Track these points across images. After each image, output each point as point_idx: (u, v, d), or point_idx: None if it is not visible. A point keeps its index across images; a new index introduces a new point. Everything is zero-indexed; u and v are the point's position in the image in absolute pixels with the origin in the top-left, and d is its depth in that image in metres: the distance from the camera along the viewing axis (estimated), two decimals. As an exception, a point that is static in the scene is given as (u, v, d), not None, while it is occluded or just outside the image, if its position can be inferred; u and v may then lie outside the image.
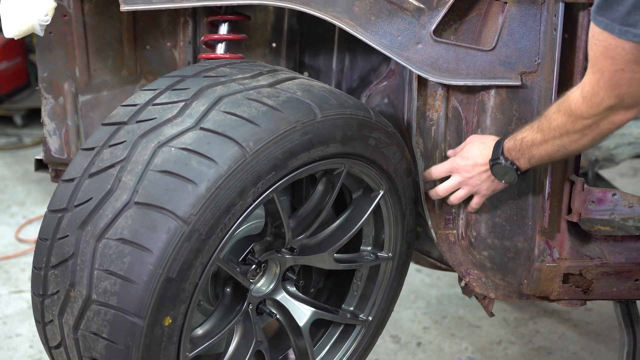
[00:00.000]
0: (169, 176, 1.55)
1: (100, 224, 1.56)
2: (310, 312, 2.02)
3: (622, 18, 1.48)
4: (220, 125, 1.61)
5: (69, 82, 2.20)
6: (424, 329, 3.29)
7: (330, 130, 1.75)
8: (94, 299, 1.55)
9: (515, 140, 1.87)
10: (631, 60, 1.52)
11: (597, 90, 1.61)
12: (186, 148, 1.58)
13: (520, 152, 1.86)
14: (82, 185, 1.64)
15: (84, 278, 1.56)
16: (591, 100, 1.63)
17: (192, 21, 2.19)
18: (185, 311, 1.59)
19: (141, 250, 1.51)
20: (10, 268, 3.83)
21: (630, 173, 5.14)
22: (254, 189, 1.62)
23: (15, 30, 1.81)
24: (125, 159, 1.61)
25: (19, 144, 5.80)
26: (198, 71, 1.81)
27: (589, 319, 3.36)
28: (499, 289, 2.15)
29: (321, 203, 1.91)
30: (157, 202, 1.53)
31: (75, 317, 1.58)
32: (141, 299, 1.51)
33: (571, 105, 1.68)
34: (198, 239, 1.54)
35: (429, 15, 1.91)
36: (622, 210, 1.99)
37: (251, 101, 1.68)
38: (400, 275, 2.18)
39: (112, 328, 1.53)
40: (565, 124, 1.72)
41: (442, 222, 2.10)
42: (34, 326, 3.10)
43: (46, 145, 2.25)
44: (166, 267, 1.51)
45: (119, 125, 1.69)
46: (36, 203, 4.64)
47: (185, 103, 1.68)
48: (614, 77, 1.57)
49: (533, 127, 1.82)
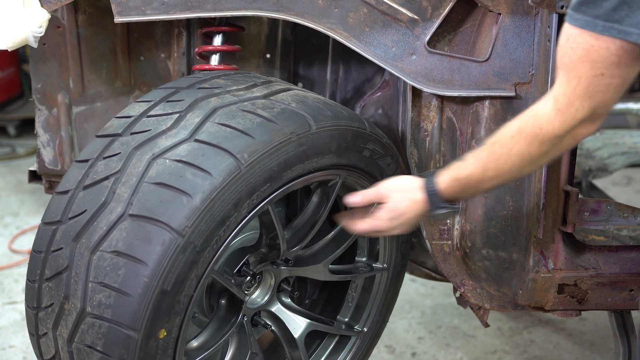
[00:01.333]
0: (163, 188, 1.55)
1: (95, 237, 1.56)
2: (305, 324, 2.01)
3: (607, 14, 1.39)
4: (214, 137, 1.61)
5: (63, 93, 2.19)
6: (418, 339, 3.28)
7: (325, 142, 1.75)
8: (89, 312, 1.54)
9: (457, 180, 1.70)
10: (614, 63, 1.43)
11: (572, 100, 1.49)
12: (181, 160, 1.58)
13: (464, 191, 1.72)
14: (76, 198, 1.64)
15: (79, 291, 1.55)
16: (565, 113, 1.51)
17: (186, 32, 2.19)
18: (180, 324, 1.59)
19: (136, 263, 1.50)
20: (3, 279, 3.81)
21: (624, 182, 5.15)
22: (249, 201, 1.62)
23: (8, 42, 1.81)
24: (119, 171, 1.61)
25: (12, 154, 5.79)
26: (192, 83, 1.81)
27: (583, 329, 3.36)
28: (493, 300, 2.15)
29: (316, 214, 1.91)
30: (151, 214, 1.53)
31: (69, 330, 1.58)
32: (136, 311, 1.50)
33: (541, 124, 1.54)
34: (193, 251, 1.54)
35: (423, 26, 1.91)
36: (616, 221, 2.00)
37: (246, 113, 1.68)
38: (395, 286, 2.18)
39: (106, 341, 1.52)
40: (530, 146, 1.58)
41: (437, 233, 2.10)
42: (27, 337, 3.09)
43: (40, 157, 2.25)
44: (161, 280, 1.51)
45: (113, 137, 1.69)
46: (30, 214, 4.62)
47: (179, 115, 1.68)
48: (592, 83, 1.46)
49: (480, 158, 1.66)
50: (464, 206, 2.06)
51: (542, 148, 1.57)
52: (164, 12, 1.86)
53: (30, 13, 1.81)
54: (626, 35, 1.39)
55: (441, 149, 2.05)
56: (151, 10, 1.85)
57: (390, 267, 2.12)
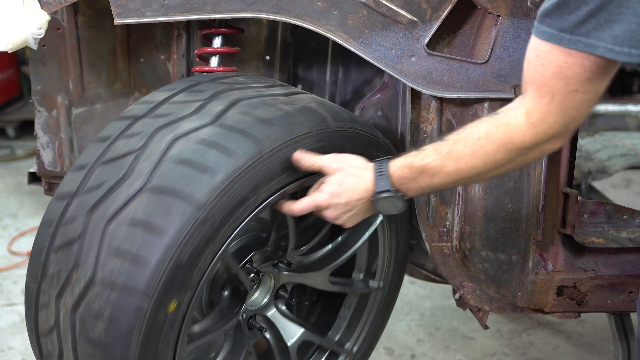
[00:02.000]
0: (185, 166, 1.56)
1: (112, 207, 1.56)
2: (299, 333, 2.02)
3: (573, 27, 1.37)
4: (238, 123, 1.63)
5: (63, 95, 2.19)
6: (417, 341, 3.29)
7: (343, 142, 1.78)
8: (99, 279, 1.53)
9: (411, 167, 1.63)
10: (587, 79, 1.41)
11: (546, 116, 1.46)
12: (204, 140, 1.59)
13: (416, 181, 1.64)
14: (93, 172, 1.64)
15: (90, 259, 1.54)
16: (538, 127, 1.48)
17: (186, 34, 2.19)
18: (190, 299, 1.58)
19: (153, 233, 1.50)
20: (2, 281, 3.81)
21: (623, 184, 5.15)
22: (268, 186, 1.64)
23: (8, 43, 1.80)
24: (140, 149, 1.62)
25: (11, 156, 5.79)
26: (213, 78, 1.84)
27: (583, 331, 3.36)
28: (493, 302, 2.15)
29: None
30: (172, 188, 1.54)
31: (75, 298, 1.56)
32: (149, 280, 1.49)
33: (512, 133, 1.51)
34: (211, 226, 1.55)
35: (422, 28, 1.91)
36: (615, 223, 2.00)
37: (268, 105, 1.70)
38: (388, 307, 2.21)
39: (114, 309, 1.51)
40: (497, 152, 1.54)
41: (436, 235, 2.10)
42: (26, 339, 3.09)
43: (39, 158, 2.25)
44: (177, 251, 1.51)
45: (134, 119, 1.71)
46: (29, 215, 4.62)
47: (202, 103, 1.70)
48: (566, 99, 1.44)
49: (440, 152, 1.60)
50: (463, 208, 2.06)
51: (509, 156, 1.54)
52: (163, 14, 1.86)
53: (30, 15, 1.80)
54: (593, 49, 1.37)
55: (440, 151, 2.05)
56: (151, 12, 1.85)
57: (385, 287, 2.15)
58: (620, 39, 1.35)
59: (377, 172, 1.66)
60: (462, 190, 2.06)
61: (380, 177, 1.66)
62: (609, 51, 1.36)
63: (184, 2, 1.85)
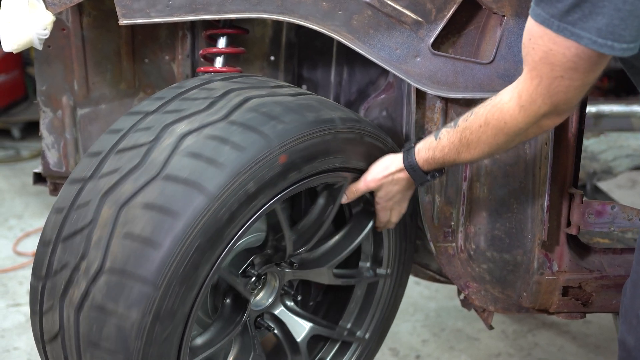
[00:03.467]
0: (197, 159, 1.58)
1: (126, 193, 1.57)
2: (307, 328, 2.01)
3: (562, 14, 1.40)
4: (248, 120, 1.65)
5: (68, 95, 2.20)
6: (422, 342, 3.28)
7: (347, 144, 1.82)
8: (108, 268, 1.53)
9: (434, 159, 1.81)
10: (571, 68, 1.45)
11: (534, 98, 1.53)
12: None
13: (443, 165, 1.83)
14: (108, 159, 1.65)
15: (101, 245, 1.55)
16: (528, 109, 1.56)
17: (191, 34, 2.19)
18: (195, 295, 1.58)
19: (168, 216, 1.51)
20: (7, 281, 3.82)
21: (629, 185, 5.14)
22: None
23: (14, 44, 1.81)
24: (152, 141, 1.64)
25: (16, 157, 5.80)
26: (226, 77, 1.85)
27: (588, 332, 3.35)
28: (498, 302, 2.14)
29: (322, 217, 1.92)
30: (188, 177, 1.55)
31: (82, 290, 1.55)
32: (162, 264, 1.50)
33: (505, 118, 1.61)
34: (227, 212, 1.57)
35: (427, 28, 1.91)
36: (621, 223, 1.99)
37: (276, 104, 1.71)
38: (398, 292, 2.20)
39: (125, 298, 1.51)
40: (496, 137, 1.66)
41: (441, 235, 2.10)
42: (32, 339, 3.10)
43: (44, 159, 2.25)
44: (192, 235, 1.52)
45: (145, 114, 1.72)
46: (34, 216, 4.63)
47: (212, 101, 1.71)
48: (552, 84, 1.49)
49: (453, 142, 1.75)
50: (468, 208, 2.06)
51: (508, 138, 1.65)
52: (168, 14, 1.86)
53: (35, 15, 1.81)
54: (578, 39, 1.40)
55: (445, 151, 2.05)
56: (155, 12, 1.85)
57: (393, 273, 2.13)
58: (603, 32, 1.38)
59: (409, 170, 1.85)
60: (467, 191, 2.05)
61: (414, 172, 1.85)
62: (592, 43, 1.39)
63: (189, 2, 1.85)
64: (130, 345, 1.50)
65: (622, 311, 1.70)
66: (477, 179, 2.04)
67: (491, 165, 2.02)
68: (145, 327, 1.50)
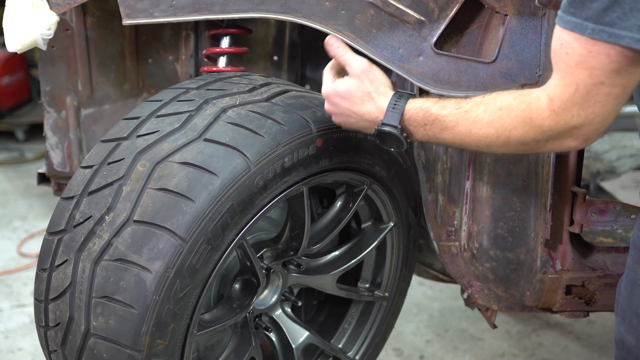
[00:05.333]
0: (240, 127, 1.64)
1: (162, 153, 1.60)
2: (304, 336, 2.03)
3: (597, 15, 1.30)
4: (289, 104, 1.72)
5: (72, 95, 2.21)
6: (426, 342, 3.28)
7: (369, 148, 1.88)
8: (136, 219, 1.54)
9: (426, 112, 1.58)
10: (614, 71, 1.34)
11: (569, 107, 1.39)
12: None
13: (424, 128, 1.60)
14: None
15: (132, 196, 1.56)
16: (560, 116, 1.41)
17: (194, 34, 2.20)
18: (217, 260, 1.61)
19: (206, 172, 1.56)
20: (12, 282, 3.82)
21: (632, 185, 5.14)
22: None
23: (18, 44, 1.82)
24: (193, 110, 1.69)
25: (20, 159, 5.81)
26: (239, 75, 1.90)
27: (591, 332, 3.35)
28: (501, 301, 2.15)
29: (338, 218, 1.97)
30: (234, 144, 1.61)
31: (104, 242, 1.56)
32: (193, 219, 1.53)
33: (532, 115, 1.45)
34: (262, 179, 1.62)
35: (430, 27, 1.91)
36: (624, 222, 1.99)
37: (314, 97, 1.80)
38: (392, 318, 2.25)
39: (151, 247, 1.52)
40: (514, 129, 1.48)
41: (445, 234, 2.10)
42: (36, 340, 3.10)
43: (49, 159, 2.26)
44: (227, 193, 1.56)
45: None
46: (38, 217, 4.64)
47: (253, 86, 1.79)
48: (591, 92, 1.36)
49: (460, 108, 1.55)
50: (472, 207, 2.06)
51: (524, 136, 1.48)
52: (171, 14, 1.87)
53: (39, 16, 1.82)
54: (618, 39, 1.30)
55: (448, 150, 2.05)
56: (159, 12, 1.86)
57: (390, 297, 2.18)
58: None
59: (392, 104, 1.62)
60: (470, 190, 2.06)
61: (392, 110, 1.61)
62: (635, 42, 1.30)
63: (192, 2, 1.86)
64: (148, 298, 1.50)
65: (618, 310, 1.64)
66: (480, 178, 2.04)
67: (494, 164, 2.02)
68: (166, 281, 1.51)
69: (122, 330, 1.51)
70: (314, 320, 2.25)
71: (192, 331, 1.62)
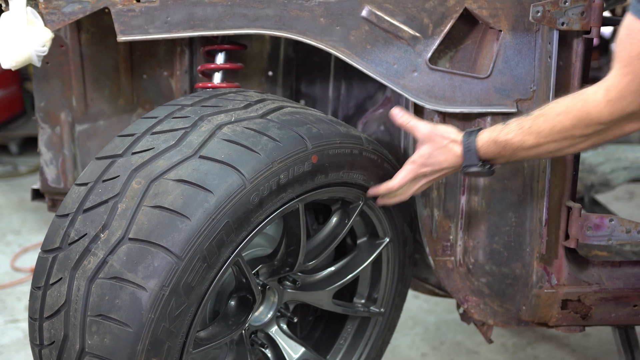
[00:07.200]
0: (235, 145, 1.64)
1: (158, 170, 1.60)
2: (300, 352, 2.02)
3: None
4: (285, 121, 1.73)
5: (66, 111, 2.20)
6: (422, 355, 3.28)
7: (366, 162, 1.89)
8: (131, 237, 1.53)
9: (496, 142, 1.72)
10: None
11: (625, 95, 1.46)
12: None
13: (501, 155, 1.74)
14: (138, 140, 1.69)
15: (127, 213, 1.56)
16: (616, 105, 1.49)
17: (189, 50, 2.20)
18: (212, 279, 1.60)
19: (202, 190, 1.56)
20: (5, 297, 3.81)
21: (626, 197, 5.15)
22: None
23: (12, 61, 1.81)
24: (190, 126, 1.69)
25: (14, 172, 5.80)
26: (235, 91, 1.91)
27: (587, 344, 3.35)
28: (497, 316, 2.14)
29: (333, 234, 1.97)
30: (229, 161, 1.61)
31: (99, 260, 1.55)
32: (190, 236, 1.53)
33: (589, 109, 1.53)
34: (257, 196, 1.62)
35: (424, 43, 1.92)
36: (619, 236, 1.99)
37: (310, 115, 1.81)
38: (388, 334, 2.25)
39: (146, 265, 1.51)
40: (574, 128, 1.58)
41: (440, 249, 2.10)
42: (30, 356, 3.08)
43: (43, 175, 2.26)
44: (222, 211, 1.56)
45: (170, 111, 1.77)
46: (32, 231, 4.62)
47: (248, 103, 1.79)
48: None
49: (522, 127, 1.68)
50: (467, 222, 2.06)
51: (586, 131, 1.57)
52: (166, 30, 1.87)
53: (33, 32, 1.81)
54: None
55: (443, 165, 2.05)
56: (154, 29, 1.86)
57: (385, 313, 2.19)
58: None
59: (466, 146, 1.76)
60: (466, 204, 2.06)
61: (468, 151, 1.76)
62: None
63: (187, 19, 1.86)
64: (143, 317, 1.49)
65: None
66: (475, 193, 2.04)
67: (489, 179, 2.02)
68: (162, 300, 1.50)
69: (117, 348, 1.51)
70: (310, 336, 2.25)
71: (188, 349, 1.61)
